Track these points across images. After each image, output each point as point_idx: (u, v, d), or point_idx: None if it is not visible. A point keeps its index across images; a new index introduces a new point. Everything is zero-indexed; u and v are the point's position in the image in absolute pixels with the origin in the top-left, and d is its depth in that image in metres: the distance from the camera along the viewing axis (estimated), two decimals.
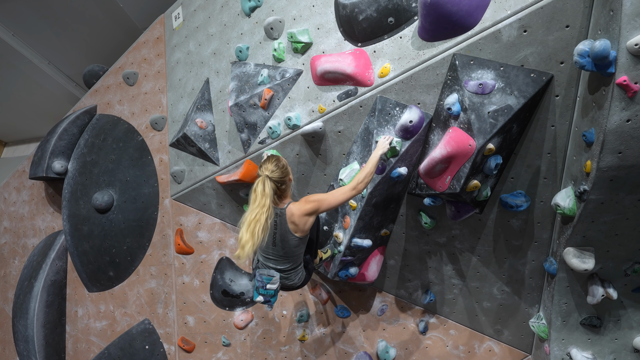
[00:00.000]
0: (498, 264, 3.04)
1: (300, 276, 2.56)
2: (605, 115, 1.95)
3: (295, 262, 2.47)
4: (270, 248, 2.38)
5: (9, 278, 4.93)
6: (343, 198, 2.28)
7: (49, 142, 4.31)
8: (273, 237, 2.33)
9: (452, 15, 2.24)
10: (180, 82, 3.93)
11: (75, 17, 5.29)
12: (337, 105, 2.80)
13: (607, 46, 1.81)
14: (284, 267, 2.45)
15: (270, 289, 2.35)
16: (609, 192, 2.16)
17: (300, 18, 3.04)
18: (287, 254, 2.39)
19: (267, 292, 2.36)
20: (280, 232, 2.32)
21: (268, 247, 2.38)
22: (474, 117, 2.29)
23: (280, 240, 2.34)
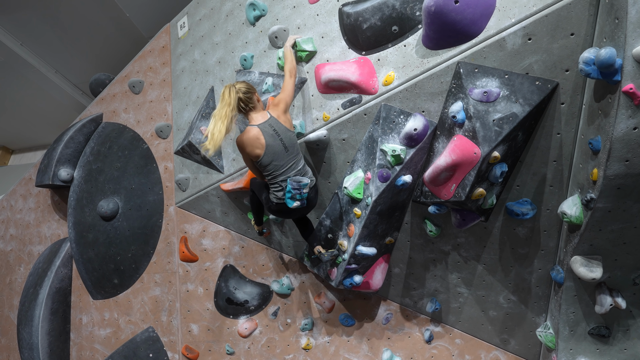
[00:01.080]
0: (504, 272, 3.01)
1: (311, 173, 2.77)
2: (611, 123, 1.94)
3: (302, 156, 2.73)
4: (284, 155, 2.59)
5: (15, 285, 4.95)
6: (291, 87, 2.68)
7: (56, 150, 4.35)
8: (282, 143, 2.58)
9: (456, 24, 2.25)
10: (185, 90, 3.96)
11: (83, 27, 5.37)
12: (341, 113, 2.81)
13: (612, 54, 1.81)
14: (301, 165, 2.68)
15: (306, 192, 2.63)
16: (616, 200, 2.14)
17: (305, 27, 3.06)
18: (296, 150, 2.65)
19: (304, 194, 2.62)
20: (284, 135, 2.58)
21: (282, 155, 2.59)
22: (478, 125, 2.28)
23: (287, 142, 2.59)
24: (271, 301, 3.70)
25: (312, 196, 2.75)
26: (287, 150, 2.58)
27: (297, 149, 2.65)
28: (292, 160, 2.61)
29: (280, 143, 2.57)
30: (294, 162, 2.62)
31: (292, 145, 2.61)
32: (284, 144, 2.58)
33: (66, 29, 5.42)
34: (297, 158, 2.64)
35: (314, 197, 2.78)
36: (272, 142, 2.54)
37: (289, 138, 2.59)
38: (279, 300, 3.68)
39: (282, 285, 3.60)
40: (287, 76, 2.70)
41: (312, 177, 2.73)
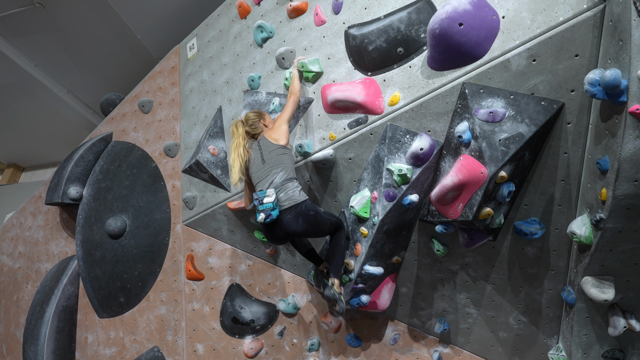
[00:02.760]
0: (514, 292, 2.96)
1: (299, 190, 2.62)
2: (619, 143, 1.93)
3: (287, 170, 2.64)
4: (260, 167, 2.67)
5: (22, 303, 4.96)
6: (292, 105, 2.81)
7: (66, 169, 4.41)
8: (260, 155, 2.69)
9: (461, 46, 2.28)
10: (193, 110, 4.02)
11: (95, 48, 5.52)
12: (347, 132, 2.83)
13: (618, 75, 1.82)
14: (278, 180, 2.60)
15: (267, 202, 2.49)
16: (626, 220, 2.12)
17: (311, 48, 3.12)
18: (276, 162, 2.63)
19: (265, 206, 2.50)
20: (264, 148, 2.69)
21: (258, 168, 2.68)
22: (485, 145, 2.29)
23: (266, 154, 2.67)
24: (277, 321, 3.66)
25: (290, 218, 2.52)
26: (263, 162, 2.66)
27: (277, 162, 2.63)
28: (267, 173, 2.62)
29: (260, 156, 2.67)
30: (268, 174, 2.61)
31: (270, 158, 2.64)
32: (262, 156, 2.67)
33: (78, 51, 5.57)
34: (273, 171, 2.61)
35: (294, 221, 2.53)
36: (254, 155, 2.74)
37: (268, 151, 2.66)
38: (285, 320, 3.64)
39: (289, 305, 3.57)
40: (288, 95, 2.88)
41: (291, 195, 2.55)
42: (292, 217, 2.53)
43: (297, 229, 2.55)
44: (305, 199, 2.60)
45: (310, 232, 2.65)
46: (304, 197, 2.62)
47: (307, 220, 2.55)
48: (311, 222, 2.57)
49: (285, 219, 2.53)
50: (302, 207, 2.55)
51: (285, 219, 2.54)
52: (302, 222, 2.54)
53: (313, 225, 2.60)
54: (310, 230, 2.62)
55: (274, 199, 2.50)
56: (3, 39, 5.27)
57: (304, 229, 2.57)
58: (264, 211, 2.50)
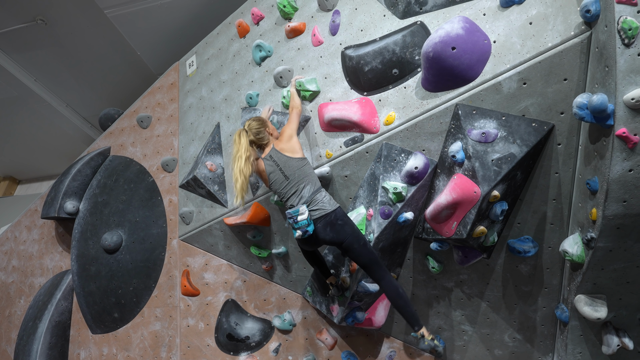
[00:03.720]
0: (508, 310, 2.98)
1: (328, 200, 2.60)
2: (607, 165, 1.99)
3: (312, 182, 2.63)
4: (284, 184, 2.64)
5: (14, 318, 4.90)
6: (297, 120, 2.80)
7: (63, 183, 4.42)
8: (281, 172, 2.64)
9: (454, 69, 2.35)
10: (192, 125, 4.07)
11: (95, 64, 5.60)
12: (344, 150, 2.88)
13: (604, 100, 1.88)
14: (307, 194, 2.59)
15: (302, 220, 2.50)
16: (616, 239, 2.16)
17: (309, 68, 3.19)
18: (300, 176, 2.61)
19: (300, 223, 2.51)
20: (283, 164, 2.64)
21: (283, 184, 2.64)
22: (478, 164, 2.34)
23: (287, 169, 2.63)
24: (272, 337, 3.64)
25: (319, 227, 2.55)
26: (287, 179, 2.63)
27: (301, 176, 2.61)
28: (293, 189, 2.61)
29: (280, 173, 2.64)
30: (296, 190, 2.60)
31: (293, 173, 2.61)
32: (283, 173, 2.63)
33: (79, 66, 5.65)
34: (299, 186, 2.60)
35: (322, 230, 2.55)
36: (273, 172, 2.67)
37: (288, 167, 2.63)
38: (280, 337, 3.63)
39: (284, 321, 3.56)
40: (290, 113, 2.84)
41: (321, 206, 2.57)
42: (321, 226, 2.56)
43: (325, 237, 2.58)
44: (335, 208, 2.58)
45: (338, 241, 2.58)
46: (334, 205, 2.59)
47: (334, 229, 2.56)
48: (338, 230, 2.55)
49: (318, 227, 2.57)
50: (332, 216, 2.55)
51: (318, 227, 2.57)
52: (330, 231, 2.56)
53: (341, 234, 2.56)
54: (338, 239, 2.57)
55: (307, 216, 2.51)
56: (4, 54, 5.34)
57: (331, 237, 2.57)
58: (300, 228, 2.51)
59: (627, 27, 1.79)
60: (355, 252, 2.58)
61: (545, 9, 2.20)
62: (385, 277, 2.62)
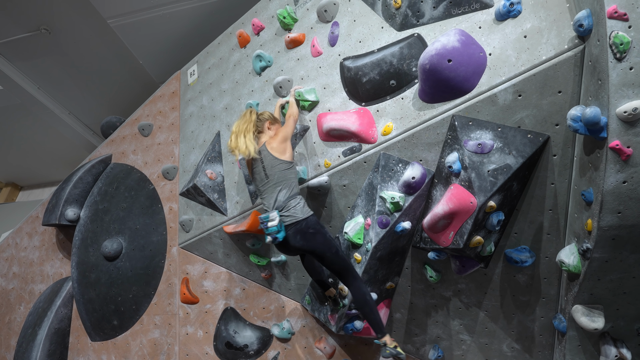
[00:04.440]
0: (506, 319, 2.98)
1: (301, 207, 2.61)
2: (601, 176, 2.01)
3: (290, 187, 2.65)
4: (263, 182, 2.69)
5: (13, 325, 4.90)
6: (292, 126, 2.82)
7: (64, 190, 4.46)
8: (263, 170, 2.68)
9: (450, 81, 2.38)
10: (192, 134, 4.11)
11: (98, 72, 5.67)
12: (342, 160, 2.91)
13: (597, 113, 1.91)
14: (282, 198, 2.61)
15: (272, 226, 2.51)
16: (612, 250, 2.17)
17: (308, 78, 3.23)
18: (279, 178, 2.64)
19: (270, 230, 2.52)
20: (267, 162, 2.67)
21: (262, 182, 2.70)
22: (474, 175, 2.36)
23: (270, 169, 2.66)
24: (271, 346, 3.64)
25: (290, 235, 2.55)
26: (267, 178, 2.67)
27: (280, 178, 2.63)
28: (271, 189, 2.64)
29: (262, 170, 2.68)
30: (272, 191, 2.63)
31: (274, 174, 2.64)
32: (265, 171, 2.67)
33: (82, 74, 5.71)
34: (276, 188, 2.62)
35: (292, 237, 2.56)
36: (256, 167, 2.72)
37: (271, 166, 2.65)
38: (279, 345, 3.63)
39: (283, 329, 3.56)
40: (287, 119, 2.87)
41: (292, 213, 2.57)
42: (292, 233, 2.57)
43: (296, 244, 2.59)
44: (307, 216, 2.59)
45: (308, 249, 2.61)
46: (306, 213, 2.60)
47: (305, 237, 2.57)
48: (309, 239, 2.57)
49: (289, 234, 2.58)
50: (303, 224, 2.56)
51: (289, 234, 2.58)
52: (300, 239, 2.57)
53: (311, 242, 2.58)
54: (308, 247, 2.60)
55: (277, 222, 2.53)
56: (8, 62, 5.40)
57: (301, 245, 2.59)
58: (270, 235, 2.53)
59: (618, 41, 1.82)
60: (327, 260, 2.62)
61: (540, 23, 2.24)
62: (355, 283, 2.65)
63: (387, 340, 2.62)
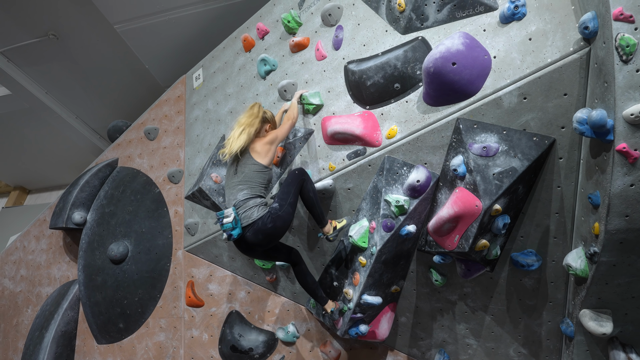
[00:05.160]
0: (513, 324, 2.95)
1: (260, 212, 2.59)
2: (608, 179, 1.99)
3: (252, 188, 2.67)
4: (232, 177, 2.73)
5: (21, 327, 4.95)
6: (287, 128, 2.87)
7: (71, 194, 4.50)
8: (235, 167, 2.73)
9: (454, 84, 2.38)
10: (198, 137, 4.13)
11: (104, 77, 5.73)
12: (346, 163, 2.91)
13: (603, 116, 1.89)
14: (240, 197, 2.64)
15: (226, 223, 2.54)
16: (620, 254, 2.15)
17: (312, 81, 3.24)
18: (245, 178, 2.67)
19: (225, 226, 2.56)
20: (243, 160, 2.72)
21: (231, 177, 2.74)
22: (479, 178, 2.35)
23: (242, 166, 2.71)
24: (276, 349, 3.64)
25: (250, 236, 2.57)
26: (235, 173, 2.71)
27: (245, 178, 2.66)
28: (234, 186, 2.68)
29: (234, 166, 2.74)
30: (234, 188, 2.67)
31: (242, 171, 2.68)
32: (235, 167, 2.73)
33: (89, 79, 5.78)
34: (239, 186, 2.65)
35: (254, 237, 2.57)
36: (230, 163, 2.80)
37: (245, 165, 2.70)
38: (284, 349, 3.62)
39: (288, 333, 3.56)
40: (284, 120, 2.92)
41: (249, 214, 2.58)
42: (252, 234, 2.59)
43: (261, 243, 2.62)
44: (260, 217, 2.58)
45: (277, 238, 2.66)
46: (261, 214, 2.59)
47: (265, 233, 2.58)
48: (270, 232, 2.58)
49: (247, 236, 2.60)
50: (259, 223, 2.57)
51: (247, 236, 2.60)
52: (262, 237, 2.59)
53: (274, 235, 2.62)
54: (277, 237, 2.64)
55: (232, 219, 2.55)
56: (17, 67, 5.48)
57: (268, 241, 2.63)
58: (225, 231, 2.57)
59: (624, 44, 1.81)
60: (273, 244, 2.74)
61: (544, 26, 2.23)
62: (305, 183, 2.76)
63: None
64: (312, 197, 2.77)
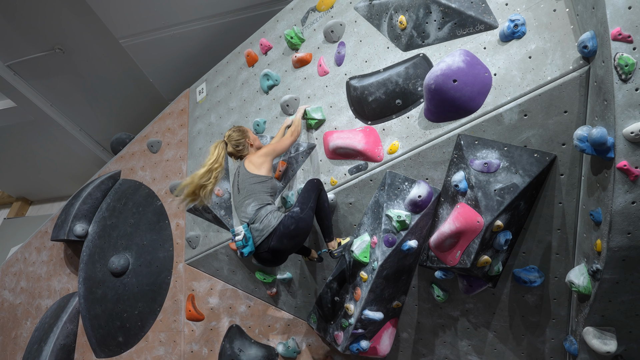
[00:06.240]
0: (516, 341, 2.92)
1: (277, 217, 2.57)
2: (610, 196, 1.99)
3: (258, 199, 2.65)
4: (237, 196, 2.72)
5: (19, 340, 4.91)
6: (288, 143, 2.89)
7: (73, 206, 4.51)
8: (237, 184, 2.73)
9: (455, 100, 2.40)
10: (200, 150, 4.16)
11: (109, 90, 5.79)
12: (348, 178, 2.92)
13: (604, 134, 1.91)
14: (251, 212, 2.62)
15: (237, 240, 2.56)
16: (622, 271, 2.14)
17: (315, 97, 3.27)
18: (248, 191, 2.66)
19: (237, 244, 2.57)
20: (241, 177, 2.72)
21: (236, 197, 2.74)
22: (480, 194, 2.36)
23: (241, 184, 2.70)
24: None
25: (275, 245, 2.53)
26: (239, 192, 2.71)
27: (249, 192, 2.65)
28: (241, 204, 2.68)
29: (236, 185, 2.74)
30: (242, 204, 2.66)
31: (244, 187, 2.67)
32: (237, 186, 2.72)
33: (93, 92, 5.84)
34: (245, 201, 2.65)
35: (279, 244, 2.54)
36: (232, 183, 2.82)
37: (244, 180, 2.70)
38: None
39: (288, 348, 3.52)
40: (287, 134, 2.93)
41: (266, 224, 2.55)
42: (276, 242, 2.54)
43: (287, 248, 2.59)
44: (280, 222, 2.55)
45: (301, 241, 2.67)
46: (279, 217, 2.58)
47: (290, 236, 2.56)
48: (294, 234, 2.56)
49: (272, 245, 2.54)
50: (281, 228, 2.54)
51: (272, 246, 2.54)
52: (288, 242, 2.56)
53: (299, 238, 2.62)
54: (301, 240, 2.65)
55: (242, 237, 2.56)
56: (23, 80, 5.55)
57: (293, 245, 2.61)
58: (238, 249, 2.58)
59: (623, 63, 1.83)
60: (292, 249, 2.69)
61: (544, 44, 2.26)
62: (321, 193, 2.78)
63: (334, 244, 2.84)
64: (326, 208, 2.78)
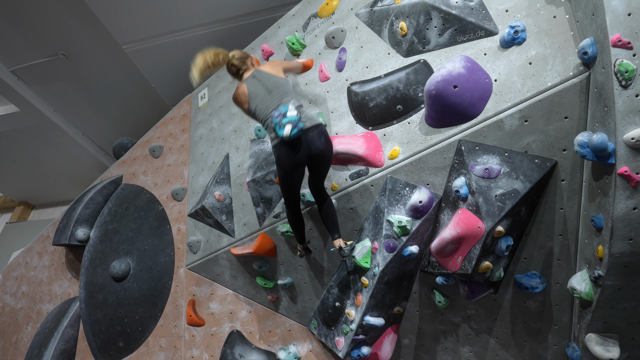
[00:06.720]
0: (518, 347, 2.90)
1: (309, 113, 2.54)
2: (611, 202, 1.99)
3: (297, 99, 2.60)
4: (267, 97, 2.56)
5: (20, 345, 4.90)
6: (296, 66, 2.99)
7: (75, 211, 4.52)
8: (264, 86, 2.59)
9: (456, 106, 2.41)
10: (202, 155, 4.17)
11: (111, 95, 5.83)
12: (349, 183, 2.92)
13: (604, 140, 1.91)
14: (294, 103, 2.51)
15: (292, 115, 2.35)
16: (624, 278, 2.13)
17: (316, 102, 3.29)
18: (284, 91, 2.57)
19: (291, 118, 2.34)
20: (266, 79, 2.61)
21: (265, 98, 2.56)
22: (481, 200, 2.36)
23: (270, 85, 2.58)
24: None
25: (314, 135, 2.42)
26: (269, 92, 2.55)
27: (285, 91, 2.55)
28: (277, 102, 2.50)
29: (262, 87, 2.58)
30: (279, 102, 2.49)
31: (277, 87, 2.56)
32: (266, 87, 2.57)
33: (96, 97, 5.89)
34: (283, 99, 2.50)
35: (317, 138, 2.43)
36: (254, 88, 2.60)
37: (272, 82, 2.58)
38: None
39: (289, 354, 3.51)
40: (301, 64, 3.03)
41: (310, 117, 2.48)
42: (316, 134, 2.44)
43: (320, 147, 2.46)
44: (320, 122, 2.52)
45: (328, 156, 2.54)
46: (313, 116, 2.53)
47: (327, 141, 2.50)
48: (330, 144, 2.53)
49: (310, 135, 2.42)
50: (322, 127, 2.50)
51: (310, 136, 2.42)
52: (324, 141, 2.47)
53: (331, 149, 2.55)
54: (329, 154, 2.54)
55: (297, 113, 2.38)
56: (26, 85, 5.59)
57: (325, 148, 2.48)
58: (291, 122, 2.32)
59: (623, 69, 1.84)
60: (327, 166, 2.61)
61: (544, 50, 2.27)
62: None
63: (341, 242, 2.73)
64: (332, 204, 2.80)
